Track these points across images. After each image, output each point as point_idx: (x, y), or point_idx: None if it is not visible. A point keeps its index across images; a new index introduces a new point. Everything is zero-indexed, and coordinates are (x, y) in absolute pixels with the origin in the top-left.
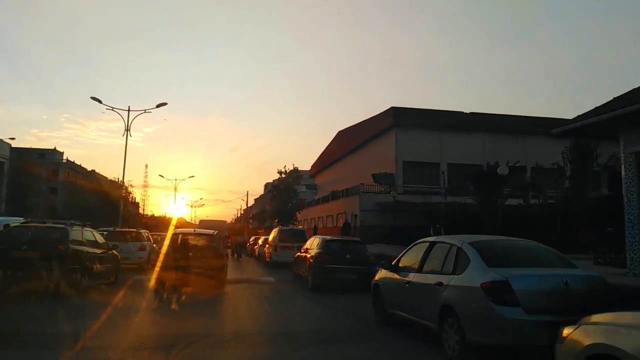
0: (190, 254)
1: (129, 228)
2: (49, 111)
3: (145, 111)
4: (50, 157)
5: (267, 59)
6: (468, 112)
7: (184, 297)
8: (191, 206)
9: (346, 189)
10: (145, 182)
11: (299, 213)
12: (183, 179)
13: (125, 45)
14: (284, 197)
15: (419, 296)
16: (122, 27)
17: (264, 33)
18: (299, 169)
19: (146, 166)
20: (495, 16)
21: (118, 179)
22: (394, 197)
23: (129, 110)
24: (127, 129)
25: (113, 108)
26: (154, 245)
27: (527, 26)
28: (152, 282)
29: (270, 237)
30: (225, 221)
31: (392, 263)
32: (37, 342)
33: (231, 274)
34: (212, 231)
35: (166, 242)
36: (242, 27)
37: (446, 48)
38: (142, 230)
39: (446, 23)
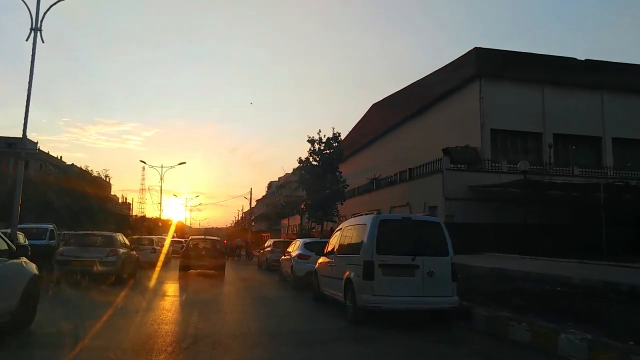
0: (203, 253)
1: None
2: (48, 115)
3: None
4: (20, 147)
5: (263, 58)
6: (582, 59)
7: None
8: (187, 208)
9: (409, 169)
10: (142, 184)
11: (341, 204)
12: (171, 167)
13: (124, 48)
14: (320, 178)
15: None
16: (121, 31)
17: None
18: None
19: (143, 169)
20: None
21: (106, 176)
22: (525, 172)
23: None
24: (36, 28)
25: None
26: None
27: None
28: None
29: (336, 240)
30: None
31: None
32: None
33: None
34: (217, 237)
35: (166, 245)
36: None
37: None
38: None
39: None
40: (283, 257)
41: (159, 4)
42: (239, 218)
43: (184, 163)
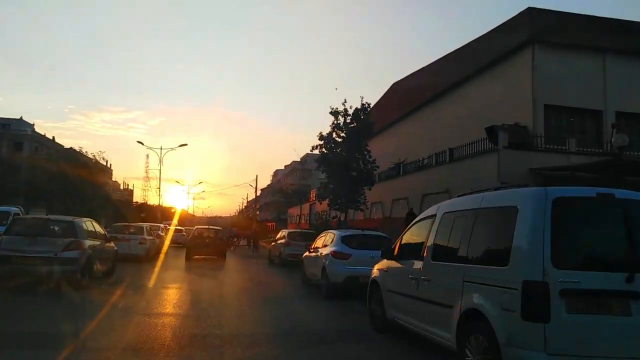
0: (207, 240)
1: None
2: (53, 101)
3: None
4: (15, 128)
5: (272, 43)
6: None
7: None
8: (189, 195)
9: (449, 149)
10: (146, 172)
11: (369, 189)
12: (171, 149)
13: (128, 37)
14: (345, 157)
15: None
16: (124, 19)
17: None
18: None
19: (147, 156)
20: None
21: (103, 158)
22: (622, 148)
23: None
24: None
25: None
26: None
27: None
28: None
29: (421, 234)
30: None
31: None
32: None
33: None
34: (219, 227)
35: (170, 235)
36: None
37: None
38: None
39: None
40: (308, 253)
41: None
42: (243, 207)
43: (185, 145)
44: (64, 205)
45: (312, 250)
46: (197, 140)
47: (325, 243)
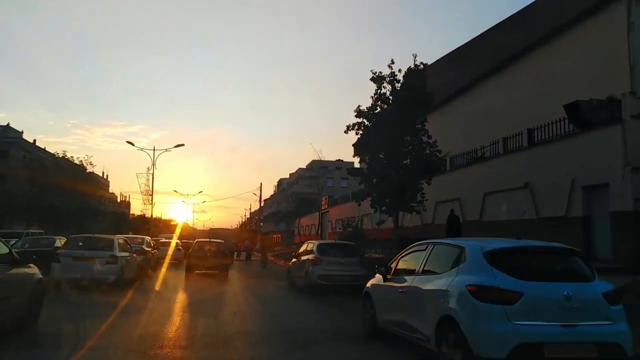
0: (208, 254)
1: None
2: (55, 117)
3: None
4: (2, 136)
5: (264, 58)
6: None
7: None
8: (188, 204)
9: (528, 129)
10: (146, 185)
11: (428, 183)
12: (167, 149)
13: (131, 51)
14: (398, 138)
15: None
16: (126, 34)
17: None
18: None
19: (148, 169)
20: None
21: (90, 163)
22: None
23: None
24: None
25: None
26: None
27: None
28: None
29: None
30: (231, 229)
31: None
32: None
33: None
34: (220, 240)
35: (171, 248)
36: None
37: None
38: None
39: None
40: (380, 282)
41: (163, 12)
42: (246, 218)
43: (182, 145)
44: (45, 217)
45: (392, 275)
46: (197, 152)
47: (430, 267)
